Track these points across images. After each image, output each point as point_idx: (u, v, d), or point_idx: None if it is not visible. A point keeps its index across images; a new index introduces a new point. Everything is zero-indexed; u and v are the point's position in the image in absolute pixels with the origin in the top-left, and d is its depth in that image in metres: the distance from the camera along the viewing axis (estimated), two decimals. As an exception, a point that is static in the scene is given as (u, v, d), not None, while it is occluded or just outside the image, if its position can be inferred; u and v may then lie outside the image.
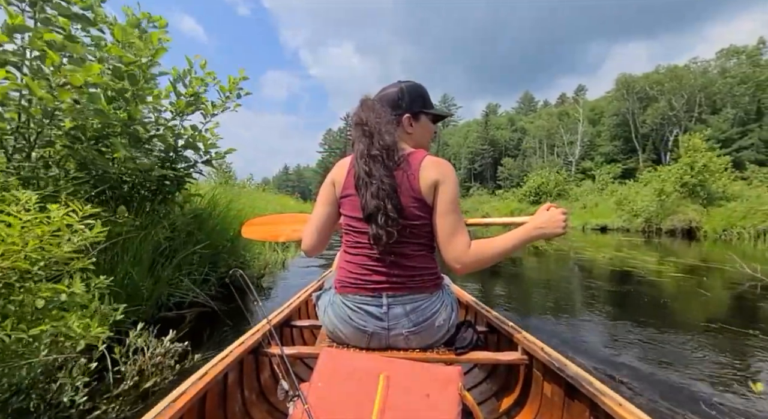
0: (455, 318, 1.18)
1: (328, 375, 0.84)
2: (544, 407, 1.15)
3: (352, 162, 1.11)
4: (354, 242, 1.12)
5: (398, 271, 1.07)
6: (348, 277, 1.12)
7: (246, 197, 5.51)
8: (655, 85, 31.66)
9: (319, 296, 1.25)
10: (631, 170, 30.88)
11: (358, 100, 1.14)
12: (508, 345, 1.33)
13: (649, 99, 32.71)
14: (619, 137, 36.24)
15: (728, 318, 2.94)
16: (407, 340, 1.11)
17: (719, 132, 26.69)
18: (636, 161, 33.69)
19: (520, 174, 41.29)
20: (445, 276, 1.24)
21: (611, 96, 37.94)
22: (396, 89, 1.16)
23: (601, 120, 38.58)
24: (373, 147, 1.04)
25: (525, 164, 42.71)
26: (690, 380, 1.81)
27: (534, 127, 45.42)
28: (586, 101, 42.36)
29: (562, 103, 52.69)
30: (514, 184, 39.44)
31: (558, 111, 45.33)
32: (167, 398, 0.82)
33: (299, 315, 1.77)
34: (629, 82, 34.34)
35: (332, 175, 1.18)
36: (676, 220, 12.87)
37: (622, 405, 0.83)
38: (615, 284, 4.47)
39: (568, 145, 39.15)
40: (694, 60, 31.04)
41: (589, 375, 0.98)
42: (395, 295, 1.08)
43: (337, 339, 1.18)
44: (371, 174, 1.02)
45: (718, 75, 29.39)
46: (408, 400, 0.79)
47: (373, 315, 1.08)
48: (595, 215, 17.98)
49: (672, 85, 30.26)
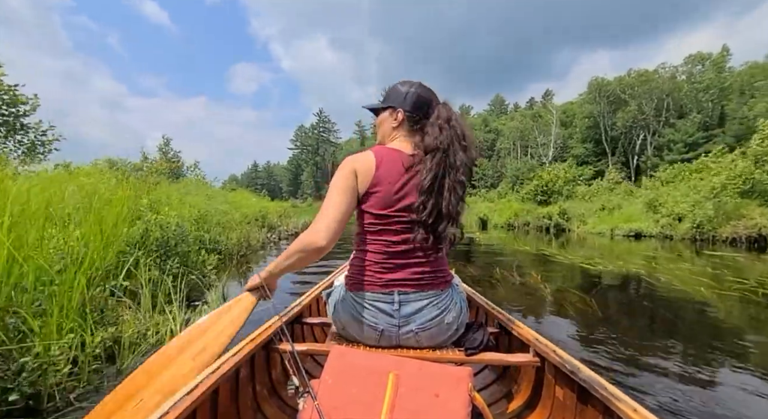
0: (465, 316, 1.20)
1: (337, 372, 0.85)
2: (556, 410, 1.13)
3: (380, 156, 1.12)
4: (373, 239, 1.12)
5: (411, 269, 1.10)
6: (361, 274, 1.13)
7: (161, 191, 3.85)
8: (626, 89, 32.23)
9: (329, 294, 1.29)
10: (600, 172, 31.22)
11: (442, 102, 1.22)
12: (520, 347, 1.30)
13: (620, 102, 33.32)
14: (590, 140, 36.80)
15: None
16: (417, 337, 1.12)
17: (686, 136, 27.41)
18: (606, 163, 34.28)
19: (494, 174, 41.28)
20: (454, 275, 1.28)
21: (583, 99, 38.56)
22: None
23: (573, 122, 39.13)
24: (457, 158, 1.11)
25: (499, 164, 42.75)
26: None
27: (508, 128, 45.66)
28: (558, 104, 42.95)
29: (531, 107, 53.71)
30: (488, 184, 39.14)
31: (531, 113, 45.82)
32: (182, 390, 0.82)
33: (310, 313, 1.79)
34: (601, 86, 34.88)
35: (353, 164, 1.12)
36: (742, 226, 9.79)
37: (636, 410, 0.80)
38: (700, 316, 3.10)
39: (541, 146, 39.38)
40: (663, 65, 31.89)
41: (602, 379, 0.94)
42: (407, 293, 1.10)
43: (348, 337, 1.20)
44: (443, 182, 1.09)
45: (686, 80, 30.32)
46: (417, 399, 0.79)
47: (385, 312, 1.10)
48: (624, 219, 14.66)
49: (643, 89, 30.88)
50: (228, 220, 5.25)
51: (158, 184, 4.99)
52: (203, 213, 4.59)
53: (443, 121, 1.13)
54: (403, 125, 1.21)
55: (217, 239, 4.51)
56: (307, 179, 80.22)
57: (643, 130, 31.58)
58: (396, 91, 1.23)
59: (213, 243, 4.39)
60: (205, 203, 4.92)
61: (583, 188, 23.12)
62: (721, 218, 10.33)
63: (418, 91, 1.21)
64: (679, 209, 11.95)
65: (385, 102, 1.25)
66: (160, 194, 4.38)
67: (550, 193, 22.82)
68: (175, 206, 4.06)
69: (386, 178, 1.09)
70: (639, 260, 6.64)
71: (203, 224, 4.37)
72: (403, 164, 1.11)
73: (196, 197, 5.07)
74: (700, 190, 12.36)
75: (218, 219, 4.84)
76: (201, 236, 4.07)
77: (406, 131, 1.20)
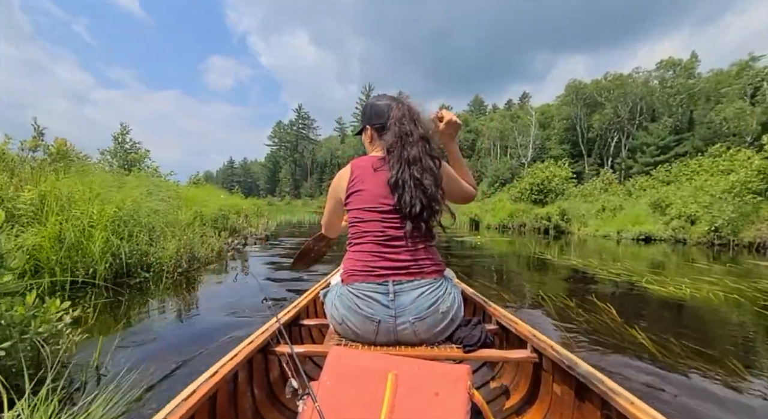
0: (459, 308, 1.24)
1: (337, 373, 0.85)
2: (555, 405, 1.14)
3: (355, 165, 1.31)
4: (362, 232, 1.23)
5: (402, 256, 1.17)
6: (355, 267, 1.20)
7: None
8: (603, 92, 32.91)
9: (326, 293, 1.33)
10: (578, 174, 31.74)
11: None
12: (518, 343, 1.33)
13: (596, 105, 34.02)
14: (567, 141, 37.49)
15: None
16: (414, 328, 1.15)
17: (659, 139, 28.22)
18: (582, 165, 34.98)
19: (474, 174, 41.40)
20: (448, 269, 1.32)
21: (561, 101, 39.25)
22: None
23: (551, 124, 39.77)
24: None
25: (479, 164, 43.01)
26: None
27: (488, 128, 45.97)
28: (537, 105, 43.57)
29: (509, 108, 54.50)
30: (470, 184, 39.08)
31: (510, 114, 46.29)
32: (179, 396, 0.81)
33: (308, 314, 1.79)
34: (578, 88, 35.55)
35: (337, 179, 1.34)
36: (765, 229, 8.49)
37: (634, 403, 0.81)
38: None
39: (520, 147, 39.80)
40: (637, 70, 32.73)
41: (600, 373, 0.95)
42: (401, 282, 1.16)
43: (346, 332, 1.23)
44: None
45: (658, 85, 31.25)
46: (417, 398, 0.79)
47: (380, 303, 1.14)
48: (632, 221, 13.10)
49: (618, 93, 31.58)
50: (170, 222, 4.13)
51: (61, 172, 3.76)
52: (128, 212, 3.46)
53: (395, 120, 1.25)
54: (374, 138, 1.37)
55: (145, 251, 3.44)
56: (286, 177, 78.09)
57: (618, 132, 32.36)
58: (364, 111, 1.41)
59: (139, 256, 3.37)
60: (142, 200, 3.86)
61: (575, 188, 22.09)
62: (741, 221, 9.13)
63: (376, 103, 1.37)
64: (690, 210, 10.75)
65: (360, 124, 1.43)
66: (66, 185, 3.29)
67: (546, 192, 21.10)
68: (78, 203, 3.12)
69: (360, 179, 1.27)
70: (687, 276, 5.07)
71: (125, 229, 3.38)
72: (373, 166, 1.26)
73: (126, 192, 3.87)
74: (708, 190, 11.33)
75: (150, 221, 3.75)
76: (113, 247, 3.12)
77: (378, 141, 1.35)
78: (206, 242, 4.72)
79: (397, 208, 1.17)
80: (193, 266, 4.13)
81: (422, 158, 1.18)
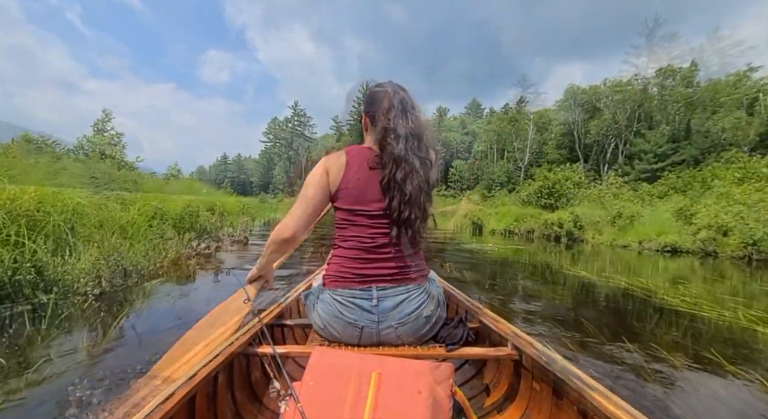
0: (442, 310, 1.24)
1: (319, 373, 0.85)
2: (533, 401, 1.14)
3: (351, 155, 1.18)
4: (348, 235, 1.17)
5: (387, 263, 1.14)
6: (339, 271, 1.16)
7: None
8: (601, 98, 32.72)
9: (308, 296, 1.29)
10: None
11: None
12: (498, 341, 1.33)
13: (594, 111, 33.82)
14: (564, 146, 37.27)
15: None
16: (397, 332, 1.14)
17: (656, 146, 27.98)
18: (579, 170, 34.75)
19: (470, 177, 41.07)
20: (430, 270, 1.31)
21: (559, 106, 39.11)
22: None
23: (549, 128, 39.56)
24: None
25: (476, 167, 42.71)
26: None
27: (484, 131, 45.73)
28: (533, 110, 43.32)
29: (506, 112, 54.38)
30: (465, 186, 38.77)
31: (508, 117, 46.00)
32: (155, 400, 0.78)
33: (290, 314, 1.77)
34: (576, 94, 35.38)
35: (326, 164, 1.18)
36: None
37: (609, 398, 0.82)
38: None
39: (518, 151, 39.50)
40: (636, 76, 32.53)
41: (577, 369, 0.96)
42: (384, 288, 1.13)
43: (329, 336, 1.21)
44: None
45: (657, 92, 31.10)
46: (400, 397, 0.79)
47: (364, 309, 1.13)
48: (656, 231, 11.68)
49: (617, 99, 31.39)
50: (104, 221, 3.25)
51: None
52: (22, 205, 2.65)
53: (383, 111, 1.18)
54: (369, 128, 1.28)
55: (44, 263, 2.54)
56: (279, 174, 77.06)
57: (616, 138, 32.13)
58: (364, 97, 1.32)
59: (36, 271, 2.47)
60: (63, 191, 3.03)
61: (582, 191, 21.02)
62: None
63: (374, 89, 1.27)
64: (721, 221, 9.77)
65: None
66: None
67: (557, 196, 19.68)
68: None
69: (355, 175, 1.16)
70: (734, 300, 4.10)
71: (7, 229, 2.51)
72: (368, 162, 1.17)
73: (36, 178, 2.95)
74: (738, 198, 10.52)
75: (67, 219, 2.93)
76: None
77: (373, 130, 1.25)
78: (158, 247, 4.01)
79: (387, 212, 1.14)
80: (122, 285, 3.11)
81: (407, 157, 1.12)
